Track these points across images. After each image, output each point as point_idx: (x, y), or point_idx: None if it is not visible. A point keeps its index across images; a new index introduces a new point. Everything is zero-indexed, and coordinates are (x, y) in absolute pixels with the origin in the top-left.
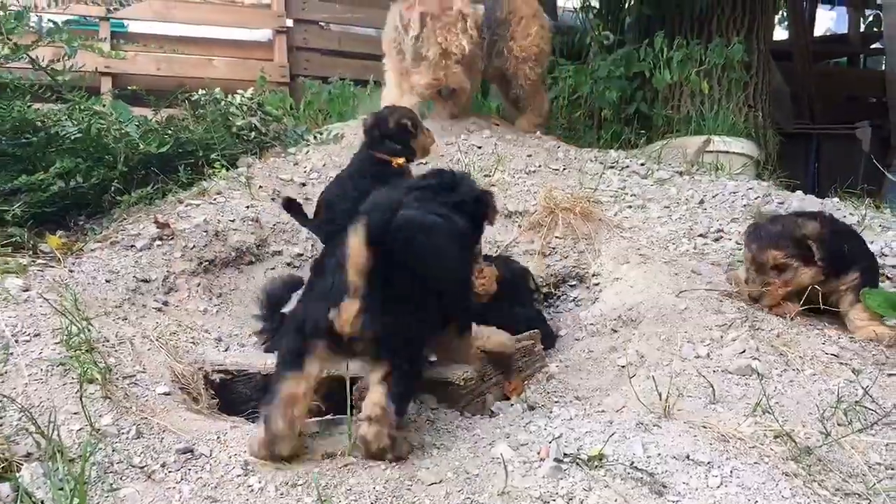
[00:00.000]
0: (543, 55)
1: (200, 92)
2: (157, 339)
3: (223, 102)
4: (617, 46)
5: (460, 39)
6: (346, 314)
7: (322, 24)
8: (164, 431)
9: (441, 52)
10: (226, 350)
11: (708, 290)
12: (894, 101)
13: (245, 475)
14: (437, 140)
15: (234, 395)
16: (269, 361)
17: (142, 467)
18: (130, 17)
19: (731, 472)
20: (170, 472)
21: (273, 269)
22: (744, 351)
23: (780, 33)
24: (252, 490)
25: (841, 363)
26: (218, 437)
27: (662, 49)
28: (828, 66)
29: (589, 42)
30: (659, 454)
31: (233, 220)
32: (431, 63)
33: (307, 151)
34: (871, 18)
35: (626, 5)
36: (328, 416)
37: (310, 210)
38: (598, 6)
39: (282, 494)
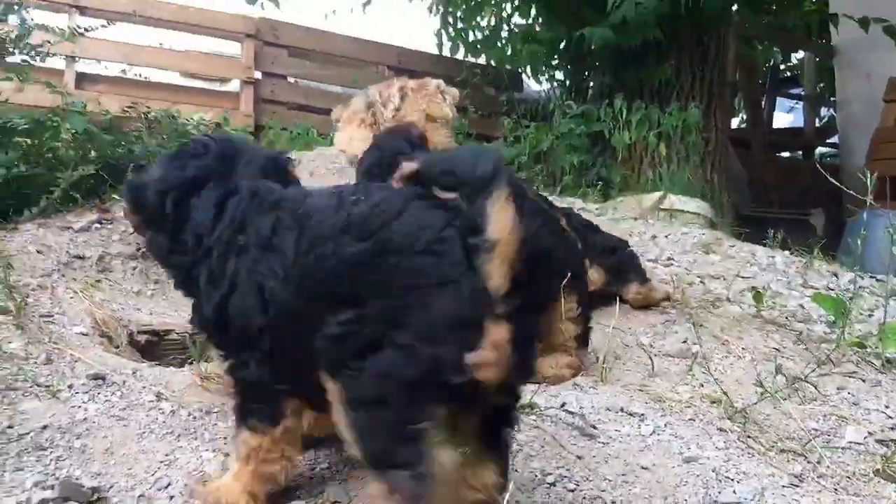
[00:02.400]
0: None
1: (156, 109)
2: (81, 291)
3: (179, 120)
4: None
5: (442, 107)
6: (498, 345)
7: (290, 78)
8: (76, 361)
9: (426, 117)
10: None
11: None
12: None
13: (158, 401)
14: None
15: (159, 357)
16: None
17: (47, 387)
18: (98, 58)
19: (664, 424)
20: (77, 393)
21: None
22: (685, 340)
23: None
24: (163, 412)
25: (783, 356)
26: (134, 372)
27: (622, 110)
28: (784, 157)
29: (552, 109)
30: (592, 406)
31: None
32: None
33: None
34: (826, 119)
35: (589, 74)
36: None
37: None
38: (562, 77)
39: (194, 418)
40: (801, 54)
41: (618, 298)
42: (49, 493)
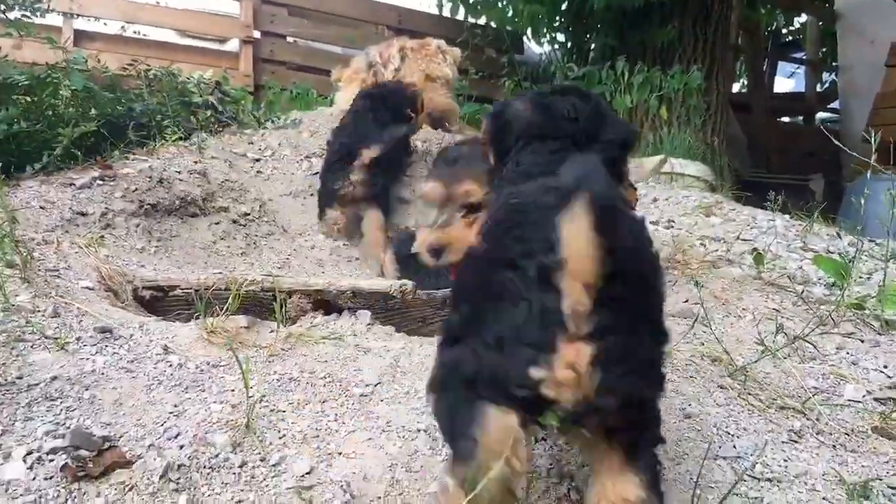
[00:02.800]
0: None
1: (157, 67)
2: (85, 247)
3: (180, 79)
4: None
5: (442, 67)
6: (573, 365)
7: (290, 37)
8: (83, 315)
9: (425, 77)
10: None
11: None
12: (848, 158)
13: (165, 353)
14: None
15: (164, 313)
16: (202, 277)
17: (55, 338)
18: (96, 16)
19: (667, 381)
20: (84, 345)
21: (218, 223)
22: (686, 300)
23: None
24: (171, 365)
25: (783, 317)
26: (140, 326)
27: (623, 73)
28: (785, 122)
29: (553, 72)
30: None
31: (179, 172)
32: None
33: (264, 133)
34: (828, 83)
35: (591, 36)
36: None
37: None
38: (563, 39)
39: (201, 371)
40: (803, 18)
41: None
42: (60, 442)
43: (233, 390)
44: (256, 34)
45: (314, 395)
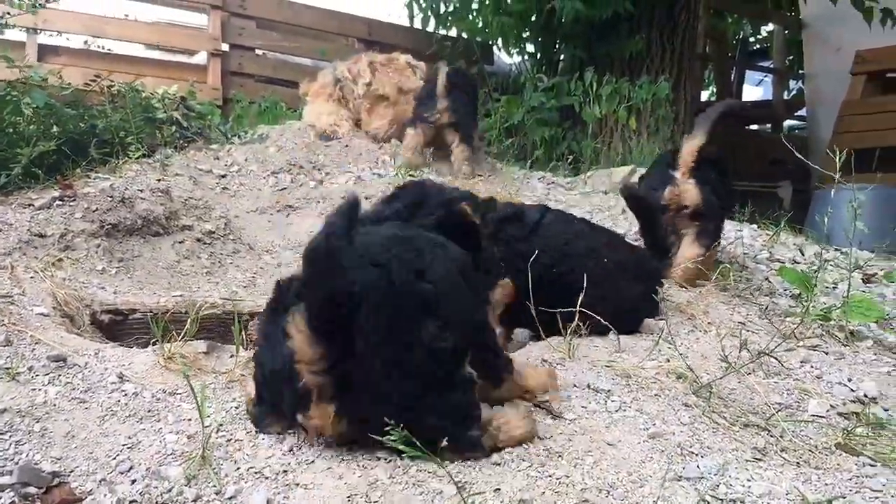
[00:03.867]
0: None
1: (120, 82)
2: (42, 271)
3: (144, 94)
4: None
5: (414, 81)
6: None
7: (258, 50)
8: (36, 343)
9: (398, 89)
10: None
11: None
12: (815, 163)
13: (120, 382)
14: None
15: (124, 337)
16: (162, 300)
17: (6, 369)
18: (61, 30)
19: (631, 400)
20: (37, 375)
21: (181, 242)
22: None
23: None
24: (126, 394)
25: (748, 330)
26: (96, 353)
27: (592, 84)
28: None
29: (523, 82)
30: (560, 383)
31: (141, 190)
32: (391, 102)
33: (230, 149)
34: (794, 91)
35: (560, 47)
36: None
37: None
38: (533, 50)
39: (157, 400)
40: (770, 27)
41: None
42: (7, 479)
43: (189, 420)
44: (225, 47)
45: None
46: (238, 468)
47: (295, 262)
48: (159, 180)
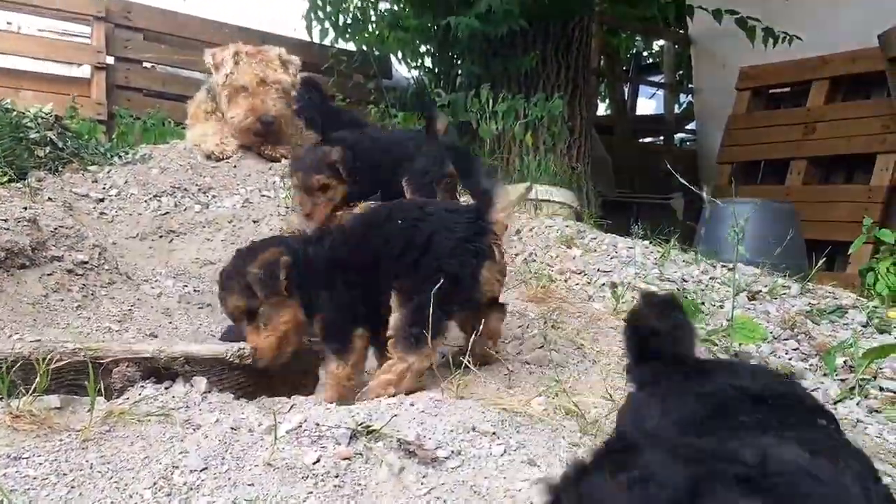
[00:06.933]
0: None
1: None
2: None
3: (14, 113)
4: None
5: (278, 73)
6: None
7: (147, 63)
8: None
9: (258, 81)
10: None
11: (514, 300)
12: (706, 176)
13: None
14: None
15: None
16: (17, 346)
17: None
18: None
19: (516, 443)
20: None
21: (50, 275)
22: (542, 346)
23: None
24: None
25: None
26: None
27: (488, 100)
28: (647, 142)
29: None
30: (442, 428)
31: (5, 220)
32: (250, 93)
33: (110, 170)
34: (685, 105)
35: (458, 62)
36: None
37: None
38: (431, 65)
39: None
40: (661, 43)
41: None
42: None
43: (38, 488)
44: (109, 60)
45: (125, 489)
46: None
47: (177, 291)
48: (26, 208)
